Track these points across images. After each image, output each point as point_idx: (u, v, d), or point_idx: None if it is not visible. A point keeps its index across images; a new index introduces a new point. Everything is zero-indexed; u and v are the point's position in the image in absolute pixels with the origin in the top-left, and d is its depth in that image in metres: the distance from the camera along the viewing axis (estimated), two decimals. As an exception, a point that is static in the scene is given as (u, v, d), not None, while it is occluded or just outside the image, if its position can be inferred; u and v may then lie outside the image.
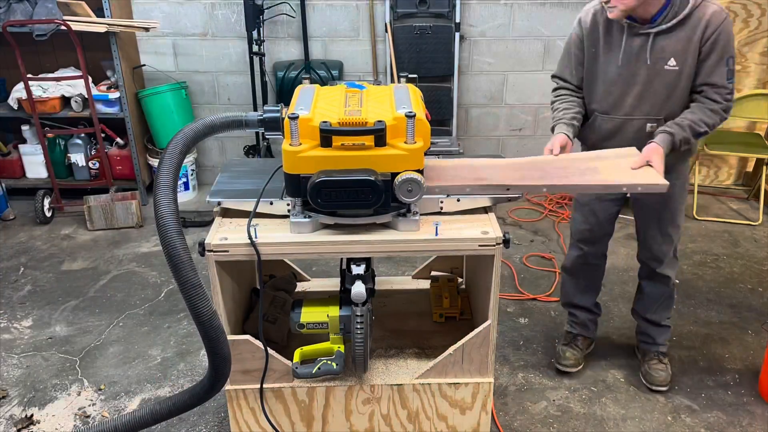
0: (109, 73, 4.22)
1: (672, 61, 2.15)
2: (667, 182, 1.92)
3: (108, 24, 3.80)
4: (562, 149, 2.21)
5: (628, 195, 2.35)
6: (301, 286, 2.47)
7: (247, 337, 1.90)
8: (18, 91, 4.10)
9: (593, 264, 2.62)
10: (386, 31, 4.18)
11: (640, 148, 2.12)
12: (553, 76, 2.42)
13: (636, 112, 2.25)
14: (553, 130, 2.32)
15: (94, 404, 2.53)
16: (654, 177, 1.94)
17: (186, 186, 4.42)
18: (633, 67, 2.20)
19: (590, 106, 2.35)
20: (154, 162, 4.34)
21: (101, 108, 4.12)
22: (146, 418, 1.77)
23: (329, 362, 1.87)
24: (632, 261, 3.53)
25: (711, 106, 2.15)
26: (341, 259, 1.92)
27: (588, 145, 2.41)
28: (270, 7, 4.12)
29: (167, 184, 1.55)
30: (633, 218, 2.56)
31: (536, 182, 1.90)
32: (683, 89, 2.20)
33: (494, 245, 1.77)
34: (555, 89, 2.42)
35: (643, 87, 2.21)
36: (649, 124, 2.24)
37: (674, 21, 2.10)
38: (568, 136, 2.25)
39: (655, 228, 2.44)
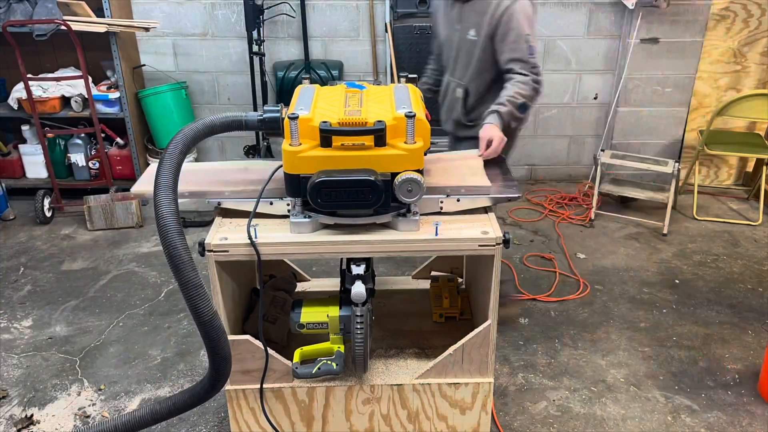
0: (109, 73, 4.22)
1: (472, 32, 2.43)
2: (489, 183, 1.97)
3: (108, 24, 3.80)
4: None
5: None
6: (301, 286, 2.47)
7: (247, 337, 1.90)
8: (18, 91, 4.10)
9: None
10: (386, 31, 4.18)
11: (449, 111, 2.61)
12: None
13: (453, 74, 2.57)
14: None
15: (94, 404, 2.53)
16: (479, 179, 1.97)
17: (186, 186, 4.41)
18: (449, 32, 2.52)
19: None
20: (154, 162, 4.33)
21: (101, 108, 4.12)
22: (146, 418, 1.77)
23: (329, 362, 1.87)
24: (632, 261, 3.53)
25: (520, 80, 2.36)
26: (341, 259, 1.92)
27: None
28: (270, 7, 4.12)
29: (168, 185, 1.55)
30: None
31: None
32: (480, 60, 2.45)
33: (494, 245, 1.77)
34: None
35: (456, 52, 2.52)
36: (458, 89, 2.55)
37: None
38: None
39: None
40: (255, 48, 4.04)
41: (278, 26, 4.24)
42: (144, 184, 1.90)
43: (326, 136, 1.64)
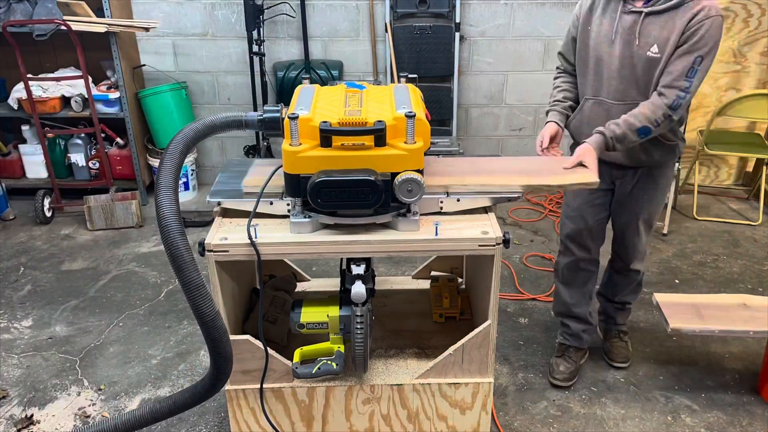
0: (109, 73, 4.22)
1: (654, 48, 2.09)
2: (597, 179, 1.93)
3: (108, 24, 3.80)
4: (552, 139, 2.24)
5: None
6: (301, 286, 2.47)
7: (247, 337, 1.90)
8: (18, 91, 4.10)
9: (585, 270, 2.56)
10: (386, 31, 4.18)
11: None
12: (558, 53, 2.44)
13: (623, 96, 2.19)
14: (548, 114, 2.35)
15: (94, 404, 2.53)
16: (586, 176, 1.96)
17: (186, 186, 4.42)
18: (623, 48, 2.14)
19: (581, 89, 2.32)
20: (154, 162, 4.34)
21: (101, 108, 4.12)
22: (146, 417, 1.77)
23: (329, 362, 1.87)
24: (632, 261, 3.53)
25: (656, 101, 2.08)
26: (341, 259, 1.92)
27: (571, 129, 2.39)
28: (270, 7, 4.12)
29: (168, 185, 1.55)
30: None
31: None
32: (656, 80, 2.13)
33: (494, 245, 1.77)
34: (557, 68, 2.44)
35: (630, 71, 2.16)
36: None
37: (667, 4, 2.05)
38: (558, 125, 2.28)
39: (633, 228, 2.46)
40: (255, 48, 4.04)
41: (278, 26, 4.24)
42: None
43: (326, 136, 1.64)
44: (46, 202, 4.07)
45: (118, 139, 4.28)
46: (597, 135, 2.11)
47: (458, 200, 1.88)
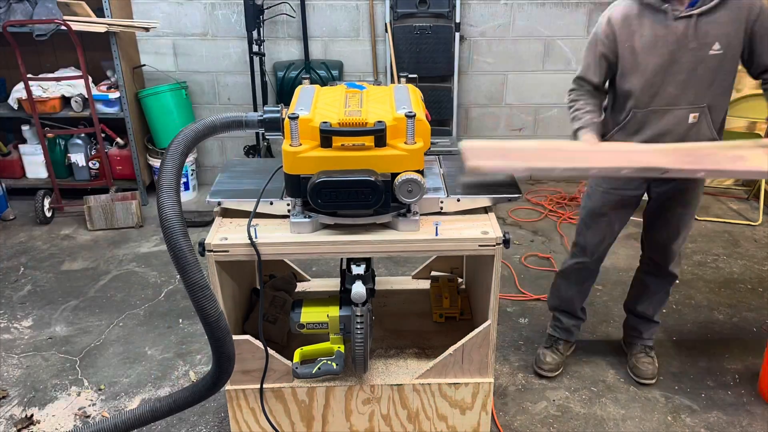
0: (109, 73, 4.22)
1: (716, 45, 2.10)
2: None
3: (108, 24, 3.80)
4: None
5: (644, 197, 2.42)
6: (301, 286, 2.48)
7: (247, 337, 1.90)
8: (18, 91, 4.10)
9: (591, 270, 2.58)
10: (386, 31, 4.18)
11: (681, 140, 2.15)
12: (577, 78, 2.35)
13: (679, 101, 2.18)
14: (575, 133, 2.29)
15: (94, 404, 2.53)
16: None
17: (186, 186, 4.42)
18: (676, 53, 2.12)
19: (626, 103, 2.27)
20: (154, 162, 4.34)
21: (101, 108, 4.12)
22: (146, 416, 1.77)
23: (329, 362, 1.87)
24: (632, 261, 3.52)
25: None
26: (341, 259, 1.92)
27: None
28: (270, 7, 4.12)
29: (170, 186, 1.56)
30: (632, 218, 2.55)
31: (691, 166, 1.91)
32: (726, 74, 2.16)
33: (494, 245, 1.77)
34: (573, 89, 2.39)
35: (687, 75, 2.14)
36: (692, 114, 2.19)
37: (715, 1, 2.06)
38: (598, 138, 2.25)
39: (674, 227, 2.43)
40: (255, 48, 4.04)
41: (278, 26, 4.24)
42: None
43: (326, 136, 1.64)
44: (46, 202, 4.07)
45: (118, 139, 4.28)
46: None
47: (458, 200, 1.88)
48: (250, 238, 1.74)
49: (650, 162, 1.92)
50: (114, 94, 4.10)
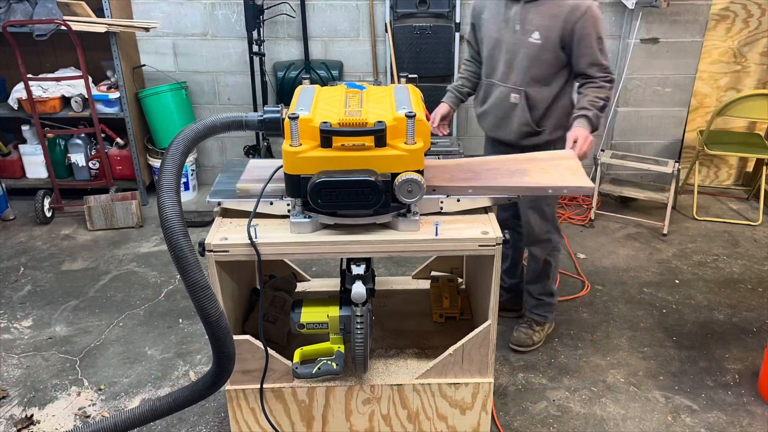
0: (109, 73, 4.22)
1: (536, 34, 2.32)
2: (592, 184, 1.97)
3: (108, 24, 3.80)
4: (443, 119, 2.59)
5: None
6: (301, 286, 2.47)
7: (247, 337, 1.90)
8: (18, 91, 4.10)
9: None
10: (386, 31, 4.18)
11: (506, 118, 2.45)
12: (465, 40, 2.70)
13: (506, 79, 2.43)
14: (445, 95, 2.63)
15: (94, 404, 2.53)
16: (581, 179, 1.93)
17: (186, 186, 4.42)
18: (503, 33, 2.39)
19: (482, 71, 2.57)
20: (154, 162, 4.34)
21: (101, 108, 4.12)
22: (146, 415, 1.77)
23: (329, 362, 1.87)
24: (632, 261, 3.53)
25: (597, 84, 2.35)
26: (341, 259, 1.92)
27: (478, 112, 2.64)
28: (270, 7, 4.12)
29: (170, 186, 1.56)
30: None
31: (462, 183, 1.90)
32: (544, 65, 2.36)
33: (494, 245, 1.77)
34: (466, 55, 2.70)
35: (511, 55, 2.39)
36: (513, 95, 2.42)
37: None
38: (450, 105, 2.61)
39: (534, 211, 2.62)
40: (255, 48, 4.04)
41: (278, 26, 4.24)
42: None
43: (326, 136, 1.64)
44: (46, 202, 4.07)
45: (118, 139, 4.28)
46: (580, 118, 2.31)
47: (458, 200, 1.88)
48: (250, 238, 1.74)
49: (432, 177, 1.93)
50: (114, 94, 4.10)
